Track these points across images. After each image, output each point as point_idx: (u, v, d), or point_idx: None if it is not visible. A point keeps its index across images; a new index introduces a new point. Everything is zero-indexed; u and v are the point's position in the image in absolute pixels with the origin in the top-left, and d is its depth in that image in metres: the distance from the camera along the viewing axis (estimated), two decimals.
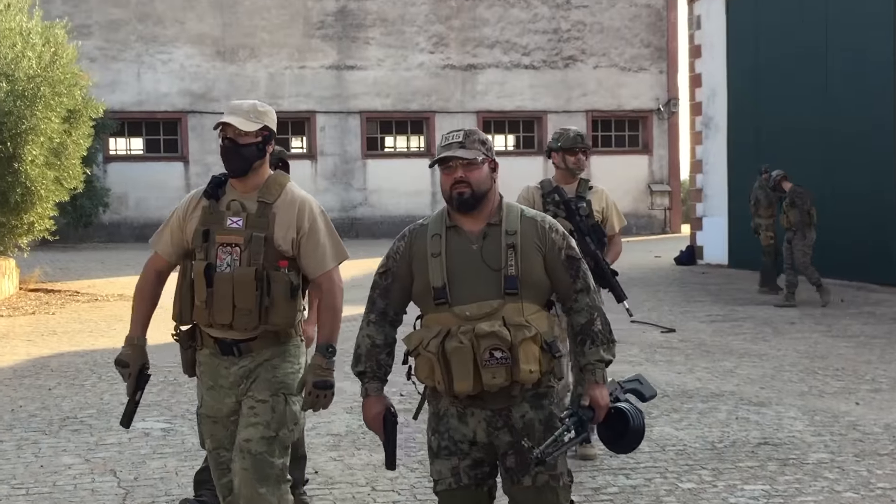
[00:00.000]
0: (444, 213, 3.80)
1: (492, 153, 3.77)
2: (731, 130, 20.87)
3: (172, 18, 30.32)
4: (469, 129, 3.78)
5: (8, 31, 14.80)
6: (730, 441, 6.92)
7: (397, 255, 3.82)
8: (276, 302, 4.23)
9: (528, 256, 3.67)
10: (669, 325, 12.50)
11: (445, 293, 3.67)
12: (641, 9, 33.42)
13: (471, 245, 3.70)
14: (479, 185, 3.69)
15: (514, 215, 3.75)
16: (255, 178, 4.35)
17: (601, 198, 6.72)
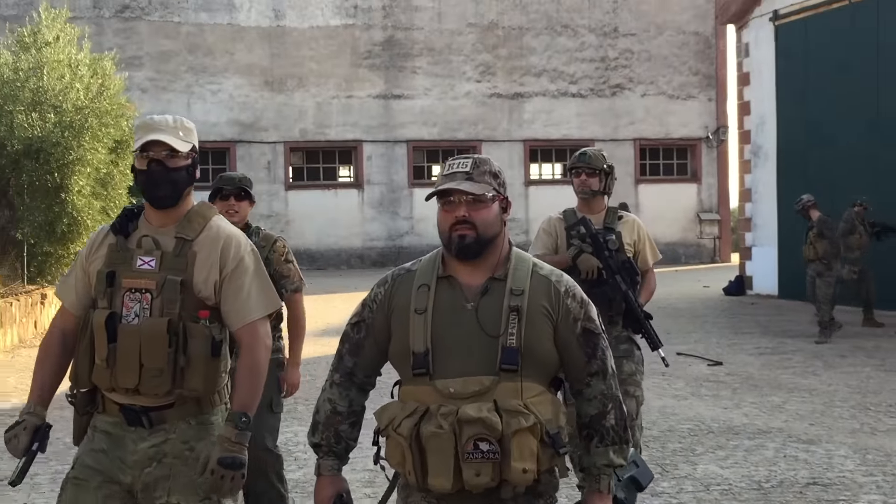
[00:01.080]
0: (437, 258, 3.09)
1: (504, 189, 3.07)
2: (781, 159, 20.59)
3: (222, 49, 30.62)
4: (480, 157, 3.04)
5: (56, 63, 14.99)
6: (777, 481, 6.71)
7: (374, 303, 3.11)
8: (193, 361, 3.42)
9: (536, 324, 2.95)
10: (716, 357, 12.26)
11: (427, 361, 2.95)
12: (689, 36, 33.22)
13: (465, 303, 2.97)
14: (486, 227, 2.97)
15: (523, 270, 3.02)
16: (176, 210, 3.59)
17: (633, 229, 5.86)
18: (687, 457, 7.34)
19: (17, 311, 14.16)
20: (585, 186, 5.78)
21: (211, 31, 30.56)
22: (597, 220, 5.76)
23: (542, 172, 33.32)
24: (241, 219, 5.62)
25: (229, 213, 5.44)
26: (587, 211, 5.80)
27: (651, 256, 5.98)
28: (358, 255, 31.26)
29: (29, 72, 14.88)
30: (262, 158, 30.82)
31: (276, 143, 30.86)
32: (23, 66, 14.95)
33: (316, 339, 14.34)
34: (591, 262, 5.55)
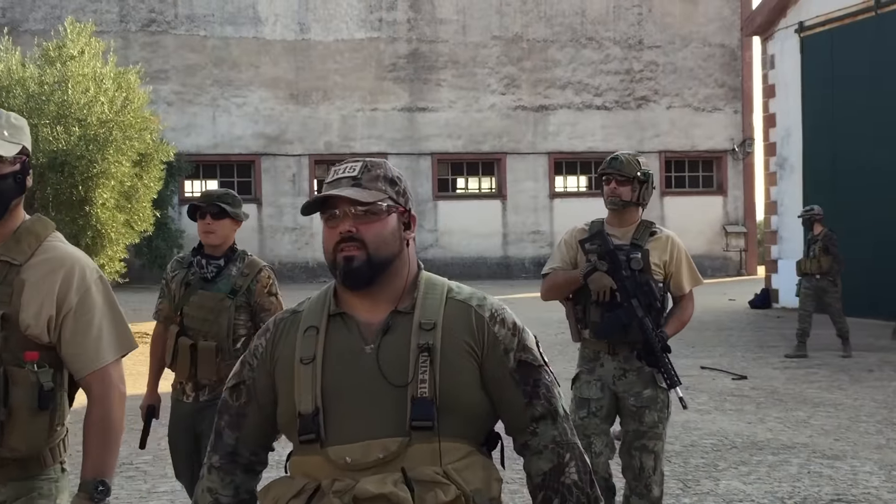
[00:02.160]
0: (328, 292, 2.45)
1: (406, 200, 2.42)
2: (807, 171, 20.44)
3: (247, 63, 30.75)
4: (374, 160, 2.41)
5: (81, 77, 15.07)
6: (801, 497, 6.61)
7: (254, 359, 2.43)
8: (15, 415, 2.78)
9: (454, 364, 2.30)
10: (741, 371, 12.15)
11: (317, 424, 2.29)
12: (715, 48, 33.09)
13: (363, 345, 2.32)
14: (379, 246, 2.31)
15: (434, 298, 2.37)
16: (1, 227, 2.93)
17: (665, 247, 5.02)
18: (709, 472, 7.25)
19: None
20: (615, 195, 5.01)
21: (236, 45, 30.71)
22: (625, 234, 5.01)
23: (567, 185, 33.23)
24: (221, 240, 5.00)
25: (205, 234, 4.96)
26: (616, 224, 5.06)
27: (688, 281, 5.10)
28: None
29: (54, 85, 14.97)
30: (286, 171, 30.91)
31: (301, 155, 30.95)
32: (48, 80, 15.05)
33: None
34: (603, 282, 4.86)
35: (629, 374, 4.94)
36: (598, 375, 4.98)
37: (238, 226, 5.08)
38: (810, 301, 13.57)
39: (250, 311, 5.00)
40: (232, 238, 5.05)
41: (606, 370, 4.98)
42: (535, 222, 32.06)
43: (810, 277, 13.62)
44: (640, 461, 4.95)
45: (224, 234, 5.00)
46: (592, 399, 4.96)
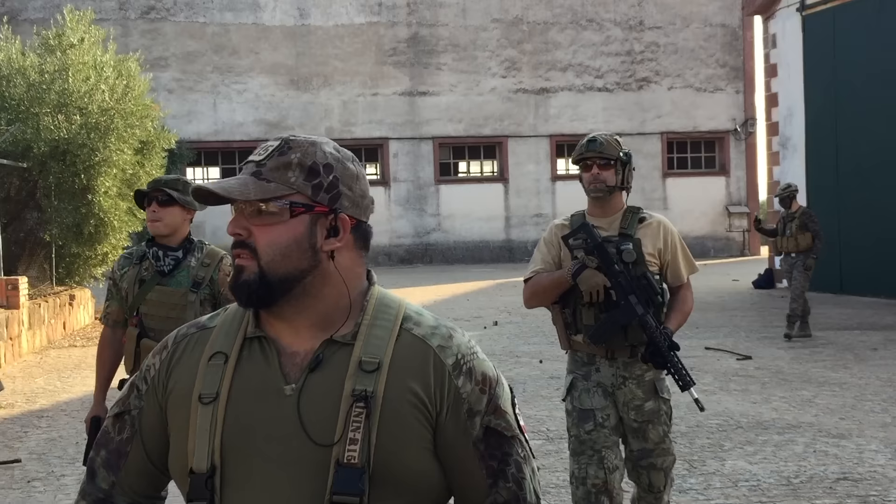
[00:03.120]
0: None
1: (334, 196, 1.77)
2: (809, 150, 20.41)
3: (247, 49, 30.70)
4: (297, 139, 1.79)
5: (81, 66, 15.05)
6: (806, 476, 6.62)
7: (144, 383, 1.86)
8: None
9: (398, 423, 1.72)
10: (746, 351, 12.15)
11: (210, 490, 1.73)
12: (716, 28, 33.00)
13: (283, 384, 1.74)
14: (274, 258, 1.73)
15: (384, 327, 1.79)
16: None
17: (658, 234, 4.49)
18: (715, 452, 7.25)
19: (46, 313, 14.24)
20: (598, 182, 4.46)
21: (236, 31, 30.65)
22: (611, 223, 4.48)
23: (569, 167, 33.19)
24: (168, 229, 4.49)
25: (152, 223, 4.52)
26: (600, 213, 4.51)
27: (685, 268, 4.58)
28: (385, 253, 31.26)
29: (54, 74, 14.95)
30: None
31: None
32: (48, 69, 15.02)
33: None
34: (595, 280, 4.27)
35: (629, 382, 4.40)
36: (597, 381, 4.42)
37: (190, 214, 4.55)
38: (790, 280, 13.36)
39: (215, 303, 4.48)
40: (185, 228, 4.56)
41: (604, 376, 4.42)
42: (537, 205, 32.04)
43: (787, 256, 13.34)
44: (649, 479, 4.52)
45: (172, 222, 4.48)
46: (597, 409, 4.38)
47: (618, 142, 4.54)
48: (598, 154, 4.47)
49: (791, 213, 13.31)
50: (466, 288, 22.22)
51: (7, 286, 12.70)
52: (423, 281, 24.36)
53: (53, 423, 8.77)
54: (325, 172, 1.78)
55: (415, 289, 22.06)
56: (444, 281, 24.22)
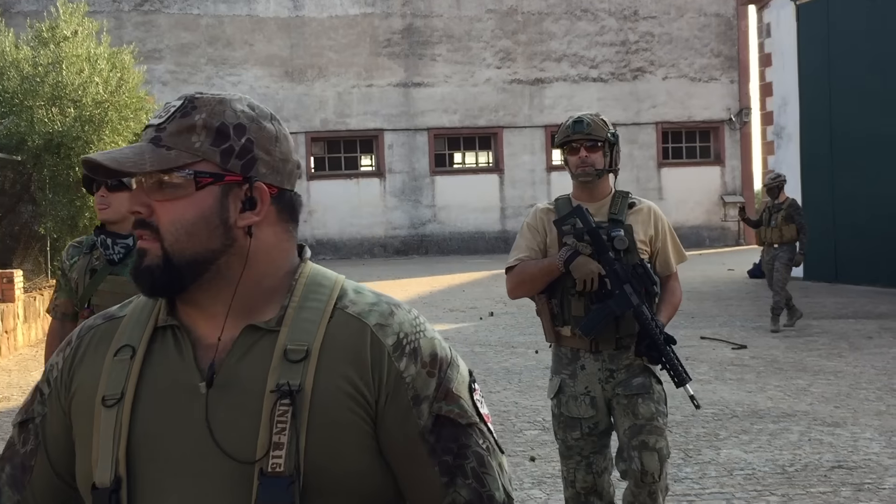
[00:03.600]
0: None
1: (249, 162, 1.52)
2: (804, 140, 20.42)
3: (241, 41, 30.65)
4: (203, 97, 1.54)
5: (75, 58, 15.02)
6: (801, 464, 6.64)
7: (47, 385, 1.62)
8: None
9: (332, 419, 1.48)
10: (741, 340, 12.17)
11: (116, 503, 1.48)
12: (711, 18, 33.00)
13: (198, 380, 1.50)
14: (179, 237, 1.48)
15: (314, 309, 1.54)
16: None
17: (649, 220, 4.26)
18: (710, 441, 7.28)
19: (41, 306, 14.23)
20: (586, 166, 4.19)
21: (230, 23, 30.60)
22: (599, 209, 4.21)
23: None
24: (118, 215, 4.20)
25: (99, 208, 4.27)
26: (587, 198, 4.24)
27: (675, 257, 4.34)
28: (381, 244, 31.26)
29: (48, 67, 14.92)
30: None
31: (297, 133, 30.89)
32: (42, 61, 14.99)
33: None
34: (589, 268, 4.03)
35: (616, 374, 4.16)
36: (586, 386, 4.16)
37: None
38: (771, 272, 13.11)
39: None
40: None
41: (589, 373, 4.17)
42: (532, 196, 32.05)
43: (769, 247, 13.13)
44: (641, 461, 4.09)
45: (122, 208, 4.16)
46: (584, 419, 4.18)
47: (605, 122, 4.28)
48: (586, 136, 4.21)
49: (777, 204, 13.10)
50: (462, 279, 22.24)
51: (2, 279, 12.69)
52: (418, 272, 24.38)
53: None
54: (237, 134, 1.51)
55: (410, 280, 22.07)
56: (439, 272, 24.23)
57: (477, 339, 12.61)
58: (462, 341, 12.27)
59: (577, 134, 4.22)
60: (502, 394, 9.15)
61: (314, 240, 30.58)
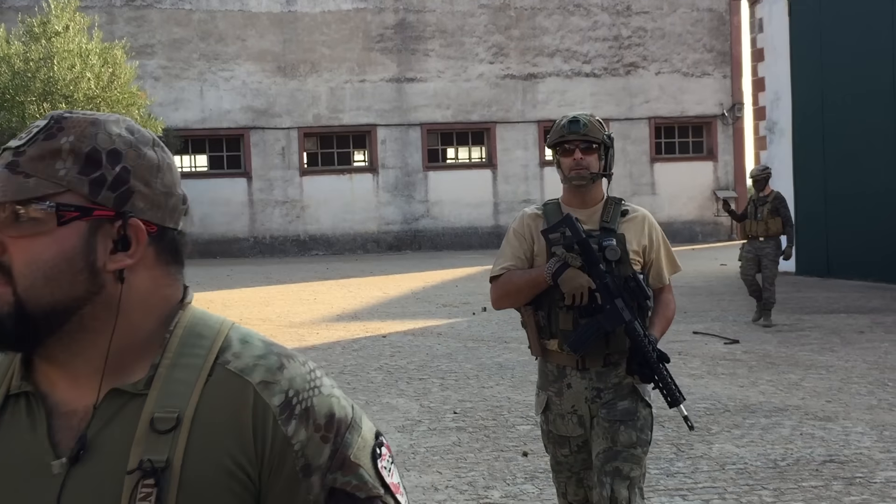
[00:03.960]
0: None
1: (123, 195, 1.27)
2: (797, 135, 20.45)
3: (234, 36, 30.59)
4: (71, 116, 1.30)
5: (67, 54, 14.99)
6: (793, 459, 6.65)
7: None
8: None
9: (206, 501, 1.23)
10: (733, 335, 12.19)
11: None
12: (703, 13, 33.01)
13: (48, 458, 1.25)
14: (35, 283, 1.23)
15: (189, 364, 1.29)
16: None
17: (642, 229, 3.97)
18: (703, 436, 7.28)
19: None
20: (581, 169, 3.91)
21: (223, 18, 30.54)
22: (590, 216, 3.94)
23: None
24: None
25: None
26: (578, 204, 3.97)
27: (668, 268, 4.08)
28: (374, 240, 31.25)
29: (39, 62, 14.90)
30: (276, 144, 30.83)
31: (290, 128, 30.86)
32: (33, 57, 14.97)
33: (330, 323, 14.37)
34: (579, 281, 3.75)
35: (604, 393, 3.88)
36: (573, 405, 3.91)
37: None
38: (752, 265, 12.90)
39: None
40: None
41: (576, 392, 3.91)
42: (525, 191, 32.06)
43: (753, 241, 12.94)
44: (612, 489, 3.81)
45: None
46: (572, 437, 3.98)
47: (601, 123, 4.01)
48: (582, 137, 3.91)
49: (763, 197, 12.93)
50: (455, 274, 22.24)
51: None
52: (411, 268, 24.37)
53: None
54: (110, 162, 1.27)
55: (403, 275, 22.07)
56: (432, 267, 24.23)
57: (470, 334, 12.61)
58: (455, 336, 12.28)
59: (572, 134, 3.92)
60: (495, 389, 9.15)
61: (307, 236, 30.56)
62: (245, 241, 30.26)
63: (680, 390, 3.75)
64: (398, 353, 10.96)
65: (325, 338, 12.97)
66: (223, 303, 17.48)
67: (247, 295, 18.76)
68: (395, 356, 10.94)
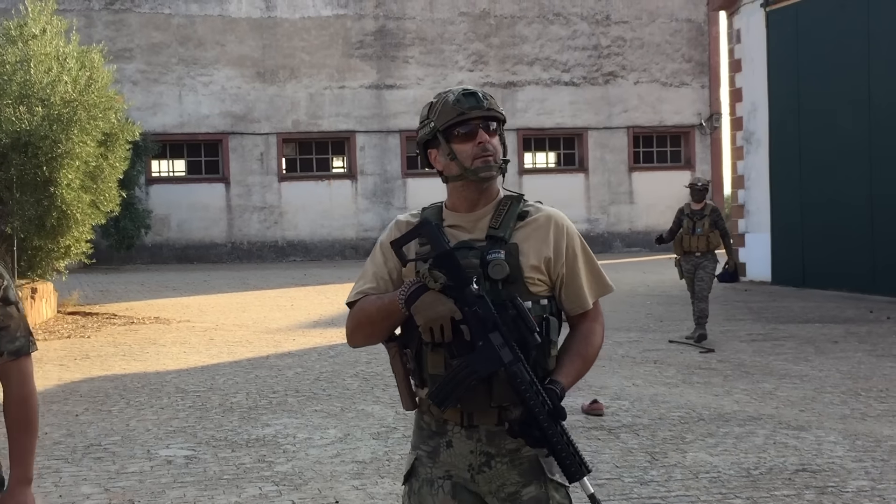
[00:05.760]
0: None
1: None
2: (773, 145, 20.56)
3: (213, 41, 30.51)
4: None
5: (44, 56, 14.91)
6: (766, 468, 6.68)
7: None
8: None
9: None
10: (709, 344, 12.23)
11: None
12: (682, 23, 33.17)
13: None
14: None
15: None
16: None
17: (547, 235, 2.96)
18: (677, 444, 7.31)
19: None
20: (489, 155, 2.92)
21: (202, 23, 30.44)
22: (478, 221, 2.95)
23: (536, 161, 33.31)
24: None
25: None
26: (468, 206, 2.98)
27: (591, 288, 3.01)
28: (352, 246, 31.20)
29: (16, 65, 14.79)
30: (254, 150, 30.74)
31: (269, 134, 30.78)
32: (9, 60, 14.86)
33: (307, 330, 14.34)
34: (437, 310, 2.77)
35: (496, 461, 2.90)
36: (447, 470, 2.93)
37: None
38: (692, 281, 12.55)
39: None
40: None
41: (458, 454, 2.91)
42: None
43: (688, 255, 12.54)
44: None
45: None
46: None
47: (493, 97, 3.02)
48: (486, 112, 2.93)
49: (699, 211, 12.54)
50: None
51: None
52: None
53: None
54: None
55: None
56: None
57: None
58: None
59: (474, 110, 2.92)
60: None
61: (285, 242, 30.48)
62: (223, 246, 30.15)
63: (583, 459, 2.79)
64: (374, 360, 10.95)
65: (301, 344, 12.94)
66: (199, 308, 17.41)
67: (223, 300, 18.69)
68: (372, 363, 10.92)
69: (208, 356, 11.93)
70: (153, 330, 14.66)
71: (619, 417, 8.20)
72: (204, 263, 29.24)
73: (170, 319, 15.86)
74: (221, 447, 7.41)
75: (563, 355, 2.95)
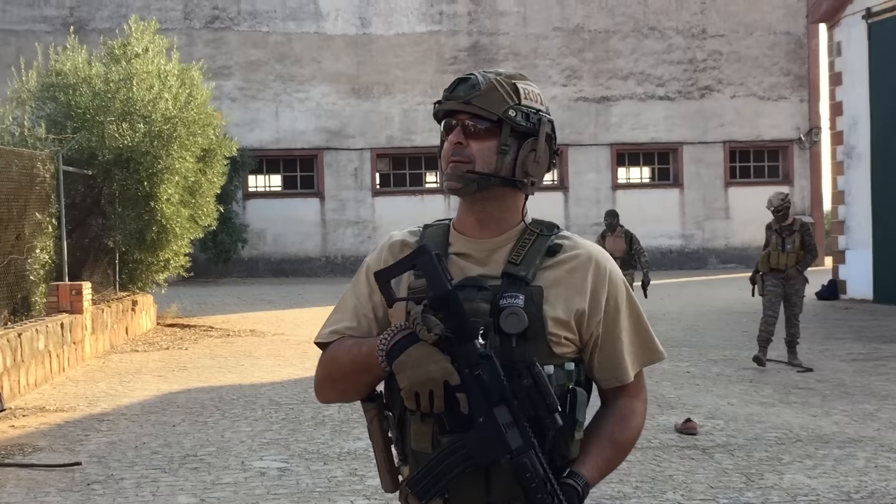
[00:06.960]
0: None
1: None
2: (875, 159, 20.07)
3: (309, 58, 30.94)
4: None
5: (146, 74, 15.28)
6: (867, 491, 6.50)
7: None
8: None
9: None
10: (807, 363, 11.96)
11: None
12: (780, 36, 32.62)
13: None
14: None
15: None
16: None
17: (582, 281, 2.26)
18: (774, 466, 7.15)
19: (109, 318, 14.45)
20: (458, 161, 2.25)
21: (298, 40, 30.91)
22: (492, 253, 2.28)
23: (630, 176, 33.05)
24: None
25: None
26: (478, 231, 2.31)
27: (635, 356, 2.33)
28: None
29: (119, 83, 15.18)
30: (349, 165, 31.06)
31: (363, 149, 31.08)
32: (113, 78, 15.27)
33: None
34: (428, 371, 2.08)
35: None
36: None
37: None
38: (779, 301, 11.87)
39: None
40: None
41: None
42: (597, 214, 31.82)
43: (774, 272, 11.91)
44: None
45: None
46: None
47: (516, 88, 2.35)
48: (464, 106, 2.25)
49: (788, 226, 12.04)
50: None
51: (71, 291, 12.91)
52: None
53: (114, 427, 8.89)
54: None
55: None
56: None
57: None
58: None
59: (450, 101, 2.28)
60: None
61: None
62: (317, 260, 30.50)
63: None
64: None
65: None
66: (293, 321, 17.62)
67: (317, 314, 18.87)
68: None
69: (302, 369, 12.06)
70: (248, 342, 14.88)
71: (713, 437, 8.06)
72: (298, 277, 29.62)
73: (265, 332, 16.09)
74: (314, 460, 7.47)
75: (591, 439, 2.25)
